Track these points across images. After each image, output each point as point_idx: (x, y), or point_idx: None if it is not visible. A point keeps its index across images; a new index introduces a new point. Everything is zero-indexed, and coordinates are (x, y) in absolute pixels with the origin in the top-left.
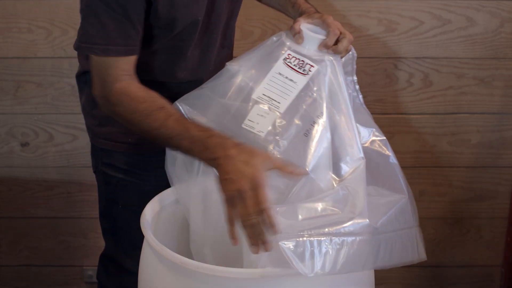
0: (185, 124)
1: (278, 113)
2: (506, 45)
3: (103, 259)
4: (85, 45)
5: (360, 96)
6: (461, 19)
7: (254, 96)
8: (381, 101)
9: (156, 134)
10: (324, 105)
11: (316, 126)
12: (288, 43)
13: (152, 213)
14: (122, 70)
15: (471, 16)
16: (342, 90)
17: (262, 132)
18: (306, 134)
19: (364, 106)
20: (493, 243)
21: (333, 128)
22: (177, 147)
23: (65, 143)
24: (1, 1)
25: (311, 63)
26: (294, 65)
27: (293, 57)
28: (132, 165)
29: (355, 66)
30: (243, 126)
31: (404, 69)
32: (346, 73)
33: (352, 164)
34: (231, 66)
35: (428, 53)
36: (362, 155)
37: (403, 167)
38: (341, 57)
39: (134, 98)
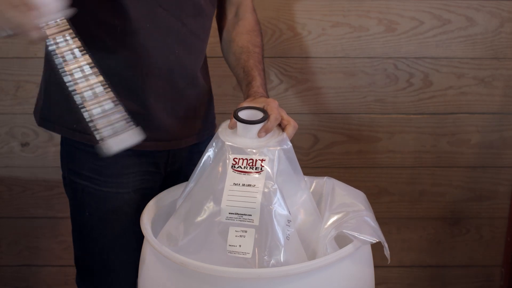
0: None
1: (254, 228)
2: (506, 45)
3: (75, 263)
4: None
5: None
6: (461, 19)
7: (222, 218)
8: (381, 101)
9: None
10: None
11: (292, 223)
12: (227, 144)
13: (151, 214)
14: None
15: (471, 16)
16: (296, 170)
17: (248, 253)
18: (288, 237)
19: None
20: (493, 243)
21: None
22: None
23: None
24: None
25: (260, 157)
26: (245, 167)
27: (239, 159)
28: (96, 172)
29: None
30: (228, 253)
31: (404, 69)
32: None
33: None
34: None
35: (428, 53)
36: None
37: (403, 167)
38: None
39: None
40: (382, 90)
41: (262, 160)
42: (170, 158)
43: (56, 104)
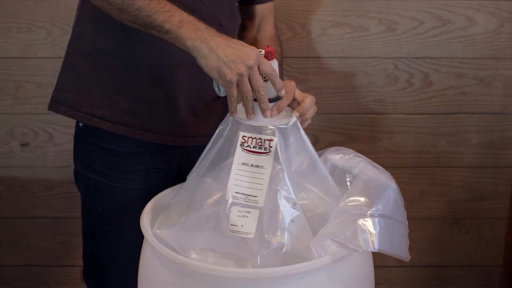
0: (175, 6)
1: (258, 209)
2: (506, 45)
3: (84, 259)
4: None
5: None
6: (461, 19)
7: (227, 197)
8: (381, 101)
9: (143, 5)
10: (293, 180)
11: (297, 206)
12: (237, 120)
13: (151, 214)
14: None
15: (471, 16)
16: (307, 148)
17: (250, 233)
18: (293, 220)
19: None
20: (493, 243)
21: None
22: (162, 22)
23: (65, 143)
24: (1, 1)
25: (269, 137)
26: (254, 147)
27: (249, 137)
28: (109, 168)
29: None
30: (230, 232)
31: (404, 69)
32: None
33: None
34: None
35: (428, 53)
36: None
37: (403, 167)
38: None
39: None
40: (382, 90)
41: (270, 140)
42: (184, 157)
43: (74, 88)
